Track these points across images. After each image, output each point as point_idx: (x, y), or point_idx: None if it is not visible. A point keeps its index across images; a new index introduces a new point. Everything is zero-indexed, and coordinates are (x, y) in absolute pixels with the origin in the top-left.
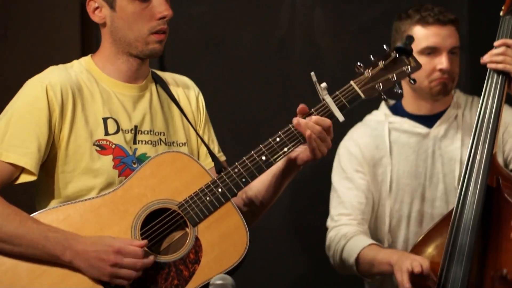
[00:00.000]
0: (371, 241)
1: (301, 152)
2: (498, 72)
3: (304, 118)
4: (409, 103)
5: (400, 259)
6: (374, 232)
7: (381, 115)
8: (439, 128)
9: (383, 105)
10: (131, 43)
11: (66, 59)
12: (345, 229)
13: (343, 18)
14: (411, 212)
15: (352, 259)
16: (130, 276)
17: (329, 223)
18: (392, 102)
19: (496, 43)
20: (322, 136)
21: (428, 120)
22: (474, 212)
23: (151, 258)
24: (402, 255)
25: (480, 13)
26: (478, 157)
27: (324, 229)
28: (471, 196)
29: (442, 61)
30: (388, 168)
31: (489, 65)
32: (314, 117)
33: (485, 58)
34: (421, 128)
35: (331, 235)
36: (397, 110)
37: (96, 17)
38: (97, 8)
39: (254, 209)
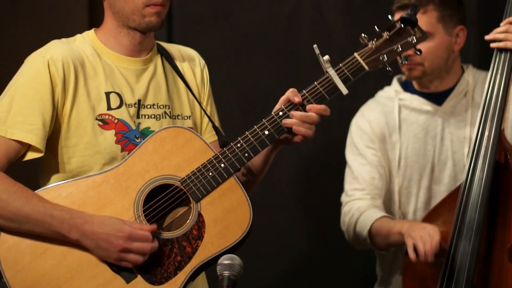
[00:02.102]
0: (383, 213)
1: (290, 136)
2: (504, 49)
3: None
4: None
5: (410, 228)
6: (387, 209)
7: (392, 91)
8: (448, 105)
9: (395, 81)
10: (128, 16)
11: (74, 32)
12: (359, 203)
13: None
14: (419, 189)
15: (365, 231)
16: (138, 260)
17: (343, 198)
18: (404, 78)
19: (502, 23)
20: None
21: (438, 97)
22: (482, 187)
23: (157, 241)
24: (412, 224)
25: None
26: (486, 133)
27: (332, 204)
28: (480, 171)
29: None
30: (397, 145)
31: (491, 44)
32: (300, 113)
33: (489, 36)
34: (430, 106)
35: (345, 209)
36: (408, 86)
37: None
38: None
39: (251, 178)
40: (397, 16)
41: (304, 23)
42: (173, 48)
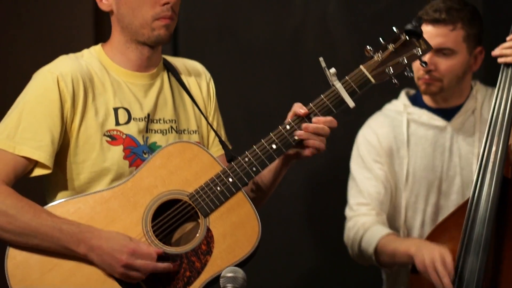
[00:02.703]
0: (389, 230)
1: (301, 149)
2: (510, 64)
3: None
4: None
5: (418, 249)
6: (391, 223)
7: (400, 105)
8: (457, 121)
9: (403, 95)
10: (137, 30)
11: (80, 46)
12: (364, 219)
13: (357, 6)
14: (427, 205)
15: (370, 248)
16: (139, 278)
17: (348, 212)
18: (412, 92)
19: (508, 38)
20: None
21: (447, 113)
22: (490, 203)
23: (165, 264)
24: (420, 244)
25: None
26: (493, 148)
27: (338, 219)
28: (487, 187)
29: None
30: (405, 160)
31: (499, 60)
32: (321, 120)
33: (495, 52)
34: (439, 121)
35: (349, 225)
36: (417, 101)
37: (103, 5)
38: None
39: (261, 194)
40: (424, 28)
41: (310, 37)
42: (178, 62)
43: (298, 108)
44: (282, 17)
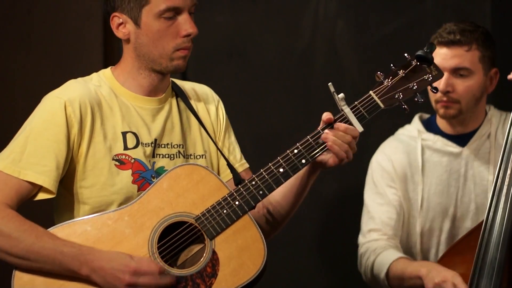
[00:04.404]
0: (400, 254)
1: (325, 157)
2: None
3: (331, 127)
4: (442, 120)
5: (430, 274)
6: (406, 250)
7: (414, 130)
8: (471, 147)
9: (416, 120)
10: (155, 60)
11: (88, 69)
12: (375, 244)
13: (365, 29)
14: (441, 231)
15: (382, 273)
16: None
17: (360, 239)
18: (425, 116)
19: None
20: (352, 145)
21: (462, 139)
22: (504, 226)
23: (168, 278)
24: (432, 269)
25: (505, 27)
26: (508, 172)
27: (347, 242)
28: (502, 210)
29: (440, 82)
30: (419, 186)
31: None
32: (342, 127)
33: (510, 76)
34: (453, 147)
35: (362, 251)
36: (431, 126)
37: (120, 32)
38: (121, 24)
39: (275, 222)
40: (439, 51)
41: (318, 60)
42: (187, 86)
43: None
44: (290, 39)
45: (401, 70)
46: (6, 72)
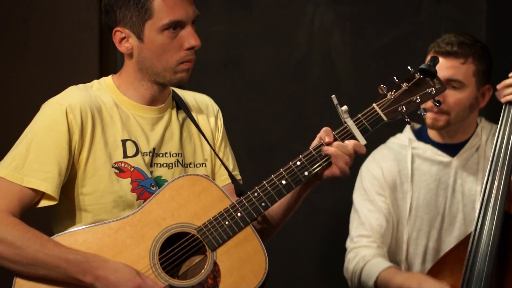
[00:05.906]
0: (389, 264)
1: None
2: None
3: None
4: (432, 130)
5: (420, 286)
6: (392, 257)
7: (405, 139)
8: (460, 158)
9: (407, 129)
10: (158, 73)
11: (85, 76)
12: (364, 251)
13: (361, 40)
14: (428, 241)
15: (371, 282)
16: None
17: (348, 244)
18: (417, 126)
19: (510, 74)
20: (352, 158)
21: (451, 149)
22: (492, 238)
23: None
24: (422, 281)
25: (500, 40)
26: (495, 184)
27: (345, 251)
28: (489, 222)
29: None
30: (408, 194)
31: (502, 99)
32: (344, 143)
33: (499, 86)
34: (443, 157)
35: (349, 256)
36: (422, 135)
37: (122, 47)
38: (124, 38)
39: (268, 227)
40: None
41: (313, 70)
42: (187, 95)
43: (325, 134)
44: (286, 49)
45: (405, 83)
46: (2, 81)
